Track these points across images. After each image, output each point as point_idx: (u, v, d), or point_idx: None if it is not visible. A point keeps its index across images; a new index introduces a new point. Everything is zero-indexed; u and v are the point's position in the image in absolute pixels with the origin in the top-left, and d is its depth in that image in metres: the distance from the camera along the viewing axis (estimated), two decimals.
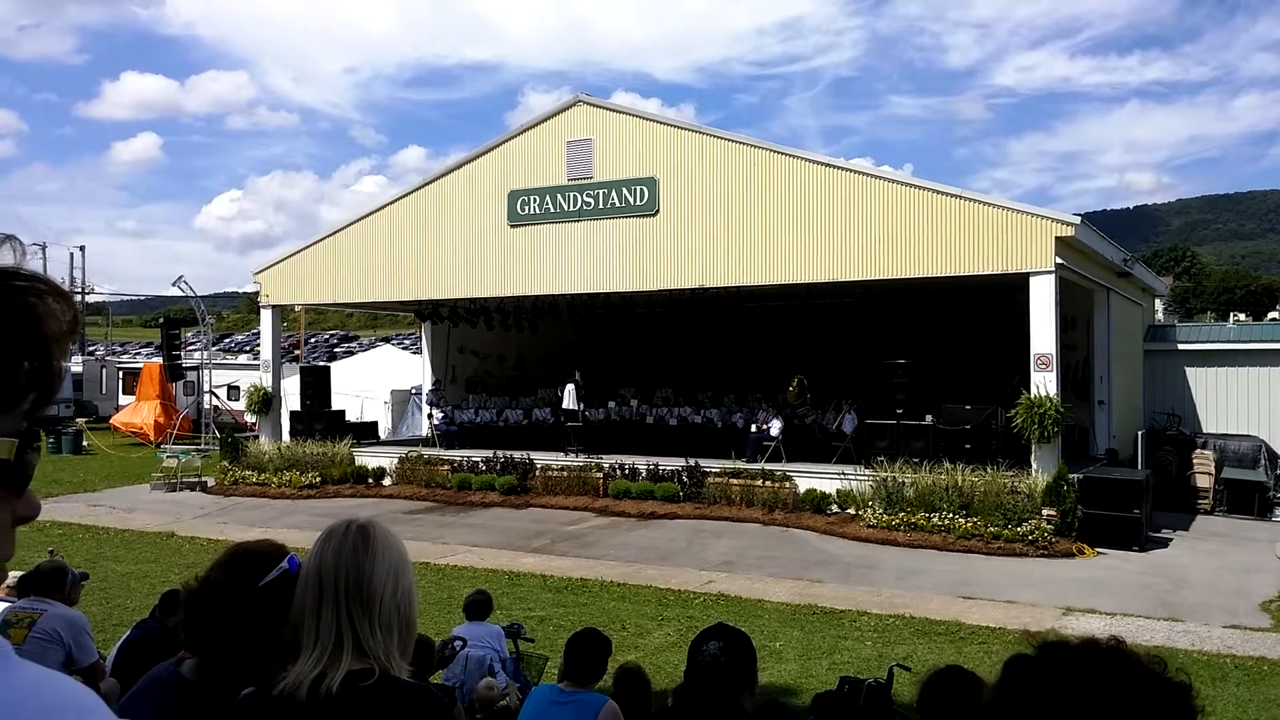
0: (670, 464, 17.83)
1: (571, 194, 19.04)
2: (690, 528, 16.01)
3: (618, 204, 18.59)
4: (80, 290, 49.41)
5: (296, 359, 37.97)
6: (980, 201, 16.05)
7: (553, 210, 19.25)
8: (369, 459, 20.96)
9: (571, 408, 20.38)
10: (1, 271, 0.97)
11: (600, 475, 18.24)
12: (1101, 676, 1.11)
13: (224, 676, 2.06)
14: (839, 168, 17.28)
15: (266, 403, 22.15)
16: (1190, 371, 22.12)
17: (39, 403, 0.98)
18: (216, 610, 2.10)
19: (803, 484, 16.69)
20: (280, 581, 2.09)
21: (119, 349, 53.92)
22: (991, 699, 1.20)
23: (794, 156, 17.40)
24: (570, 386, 20.40)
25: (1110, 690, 1.10)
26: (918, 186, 16.43)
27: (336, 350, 45.61)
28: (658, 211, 18.25)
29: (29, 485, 1.01)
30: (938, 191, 16.24)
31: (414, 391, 27.57)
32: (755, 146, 17.81)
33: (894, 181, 16.90)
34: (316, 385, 23.03)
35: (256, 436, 23.10)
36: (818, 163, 17.31)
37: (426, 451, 20.72)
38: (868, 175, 17.19)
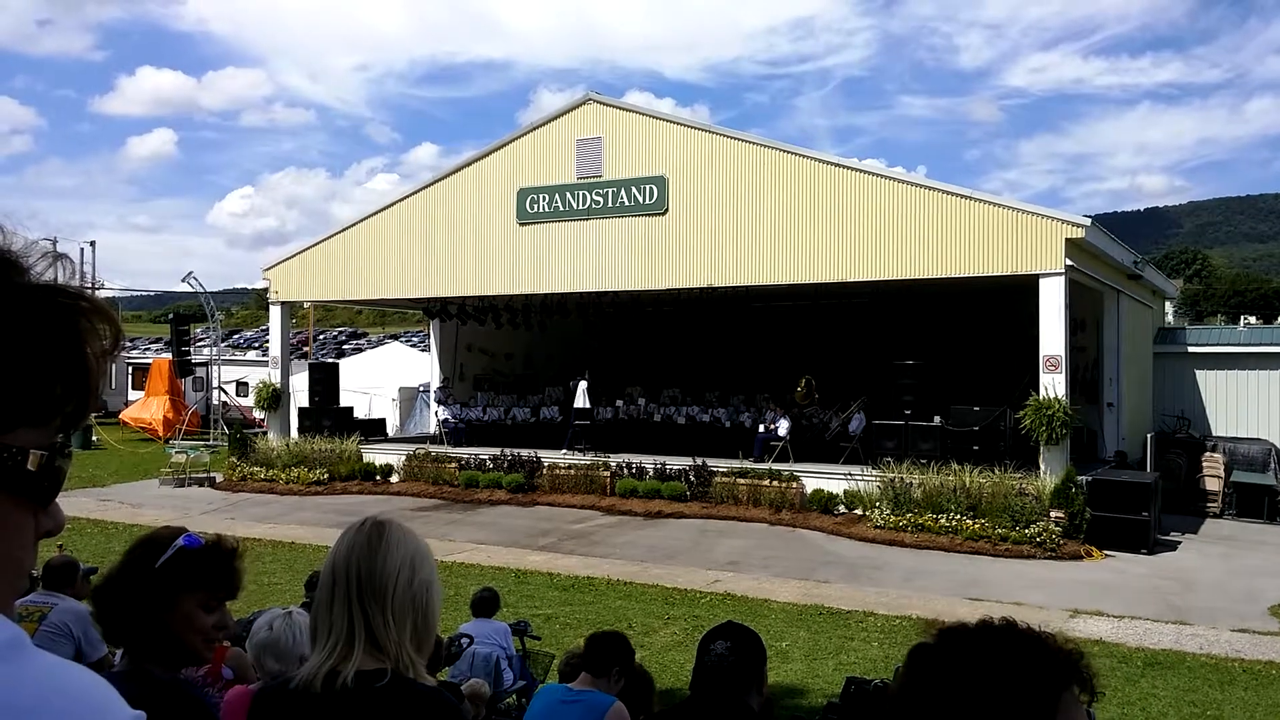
0: (677, 463, 17.83)
1: (581, 192, 19.04)
2: (697, 527, 16.01)
3: (627, 203, 18.59)
4: (90, 285, 49.49)
5: (305, 355, 38.05)
6: (990, 202, 16.01)
7: (562, 209, 19.25)
8: (377, 456, 21.02)
9: (584, 406, 20.38)
10: (48, 287, 0.96)
11: (607, 474, 18.25)
12: (994, 651, 1.17)
13: (147, 663, 2.09)
14: (848, 168, 17.25)
15: (275, 399, 22.22)
16: (1200, 374, 22.03)
17: (73, 419, 0.98)
18: (120, 598, 2.12)
19: (810, 484, 16.67)
20: (177, 559, 2.12)
21: (128, 344, 54.08)
22: (898, 688, 1.24)
23: (803, 156, 17.37)
24: (584, 384, 20.41)
25: (1003, 662, 1.15)
26: (927, 187, 16.40)
27: (345, 347, 45.64)
28: (667, 210, 18.25)
29: (55, 498, 1.01)
30: (947, 192, 16.20)
31: (422, 389, 27.63)
32: (764, 146, 17.79)
33: (904, 182, 16.86)
34: (325, 382, 23.09)
35: (265, 433, 23.17)
36: (827, 162, 17.29)
37: (434, 449, 20.77)
38: (877, 175, 17.16)
